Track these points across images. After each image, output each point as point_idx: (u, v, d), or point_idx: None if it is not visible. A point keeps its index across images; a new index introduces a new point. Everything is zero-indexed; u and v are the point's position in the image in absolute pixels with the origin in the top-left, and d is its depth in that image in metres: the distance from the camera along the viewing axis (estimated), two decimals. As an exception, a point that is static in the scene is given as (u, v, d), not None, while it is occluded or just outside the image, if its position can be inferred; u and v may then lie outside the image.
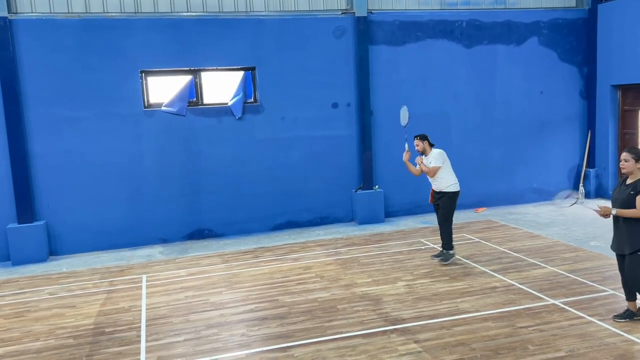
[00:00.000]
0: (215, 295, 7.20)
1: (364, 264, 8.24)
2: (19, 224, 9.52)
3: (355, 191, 11.15)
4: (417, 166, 8.07)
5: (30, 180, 9.61)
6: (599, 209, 5.44)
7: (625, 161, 5.35)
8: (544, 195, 12.30)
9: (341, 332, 5.76)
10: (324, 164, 11.04)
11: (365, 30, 10.85)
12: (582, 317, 5.86)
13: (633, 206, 5.28)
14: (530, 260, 8.00)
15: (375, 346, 5.41)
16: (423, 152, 8.02)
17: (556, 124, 12.30)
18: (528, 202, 12.22)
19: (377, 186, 11.19)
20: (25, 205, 9.52)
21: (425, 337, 5.57)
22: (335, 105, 10.99)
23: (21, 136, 9.45)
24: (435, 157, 7.86)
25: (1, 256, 9.57)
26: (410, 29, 11.21)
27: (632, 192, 5.30)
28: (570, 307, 6.17)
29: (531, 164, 12.22)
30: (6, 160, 9.45)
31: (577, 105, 12.40)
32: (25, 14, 9.41)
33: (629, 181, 5.44)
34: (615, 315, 5.76)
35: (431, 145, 8.03)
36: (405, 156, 8.17)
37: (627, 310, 5.72)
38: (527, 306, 6.26)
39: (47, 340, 5.98)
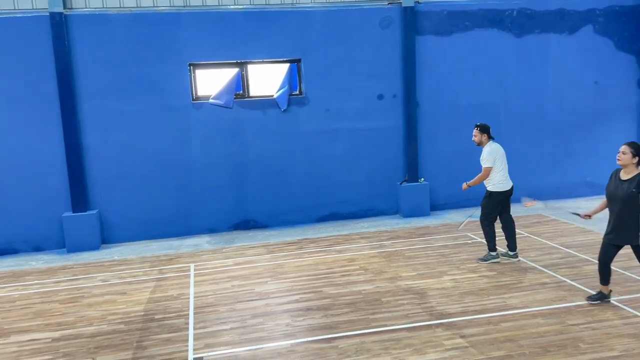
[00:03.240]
0: (260, 285, 7.29)
1: (408, 257, 8.17)
2: (73, 212, 9.89)
3: (400, 184, 11.05)
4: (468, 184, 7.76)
5: (84, 171, 9.95)
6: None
7: (623, 153, 5.48)
8: (597, 189, 11.85)
9: (385, 325, 5.74)
10: (368, 156, 10.98)
11: (412, 21, 10.70)
12: (637, 316, 5.64)
13: (635, 202, 5.39)
14: (582, 256, 7.74)
15: (420, 340, 5.36)
16: (479, 144, 7.71)
17: (611, 115, 11.83)
18: (580, 196, 11.82)
19: (422, 179, 11.06)
20: (80, 194, 9.87)
21: (472, 332, 5.48)
22: (380, 97, 10.90)
23: (76, 128, 9.78)
24: (486, 157, 7.51)
25: (57, 243, 9.97)
26: (459, 19, 10.98)
27: (634, 190, 5.38)
28: (624, 305, 5.94)
29: (584, 157, 11.80)
30: (62, 151, 9.82)
31: (634, 95, 11.88)
32: (80, 9, 9.71)
33: (624, 176, 5.52)
34: (588, 297, 6.10)
35: (490, 138, 7.63)
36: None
37: (599, 292, 6.06)
38: (578, 303, 6.07)
39: (100, 325, 6.19)
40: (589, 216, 6.15)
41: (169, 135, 10.24)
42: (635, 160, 5.43)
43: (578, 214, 6.33)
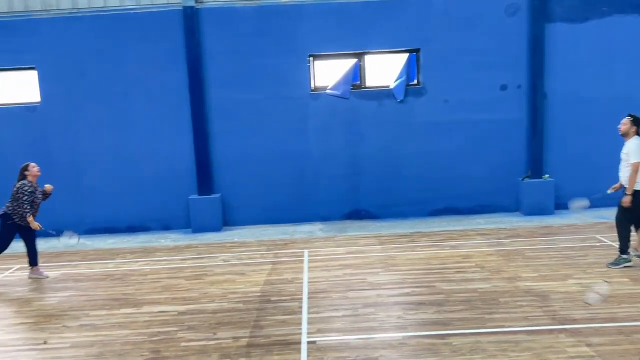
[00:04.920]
0: (372, 275, 7.30)
1: (529, 257, 7.75)
2: (199, 195, 10.54)
3: (522, 179, 10.50)
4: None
5: (210, 157, 10.55)
6: None
7: None
8: None
9: (502, 326, 5.49)
10: (488, 149, 10.55)
11: (542, 7, 10.07)
12: None
13: None
14: None
15: (540, 344, 5.06)
16: (624, 135, 7.00)
17: None
18: None
19: (547, 175, 10.43)
20: (205, 179, 10.50)
21: (599, 341, 5.08)
22: (503, 87, 10.41)
23: (203, 116, 10.39)
24: (633, 151, 6.80)
25: (183, 223, 10.70)
26: (595, 4, 10.16)
27: None
28: None
29: None
30: (190, 138, 10.48)
31: None
32: (209, 3, 10.26)
33: None
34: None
35: (638, 134, 6.92)
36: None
37: None
38: None
39: (221, 302, 6.55)
40: None
41: (288, 124, 10.54)
42: None
43: None
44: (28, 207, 7.52)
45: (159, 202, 10.66)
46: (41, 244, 10.08)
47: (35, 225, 7.60)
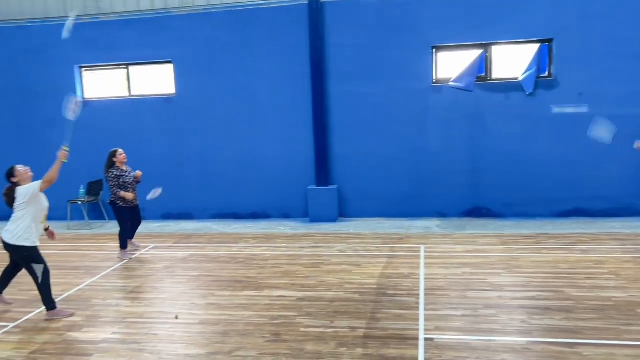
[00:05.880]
0: (493, 276, 7.00)
1: (673, 267, 7.02)
2: (316, 186, 10.76)
3: (667, 181, 9.53)
4: None
5: (328, 149, 10.72)
6: None
7: None
8: None
9: (642, 340, 5.03)
10: (628, 146, 9.64)
11: (700, -11, 9.01)
12: None
13: None
14: None
15: (687, 365, 4.57)
16: None
17: None
18: None
19: (697, 178, 9.36)
20: (323, 170, 10.69)
21: None
22: (649, 80, 9.48)
23: (324, 109, 10.58)
24: None
25: (302, 212, 11.01)
26: None
27: None
28: None
29: None
30: (310, 130, 10.72)
31: None
32: (334, -3, 10.41)
33: None
34: None
35: None
36: None
37: None
38: None
39: (337, 292, 6.63)
40: None
41: (408, 117, 10.42)
42: None
43: None
44: (117, 189, 8.36)
45: (280, 191, 11.05)
46: (172, 226, 10.91)
47: (129, 196, 8.37)
